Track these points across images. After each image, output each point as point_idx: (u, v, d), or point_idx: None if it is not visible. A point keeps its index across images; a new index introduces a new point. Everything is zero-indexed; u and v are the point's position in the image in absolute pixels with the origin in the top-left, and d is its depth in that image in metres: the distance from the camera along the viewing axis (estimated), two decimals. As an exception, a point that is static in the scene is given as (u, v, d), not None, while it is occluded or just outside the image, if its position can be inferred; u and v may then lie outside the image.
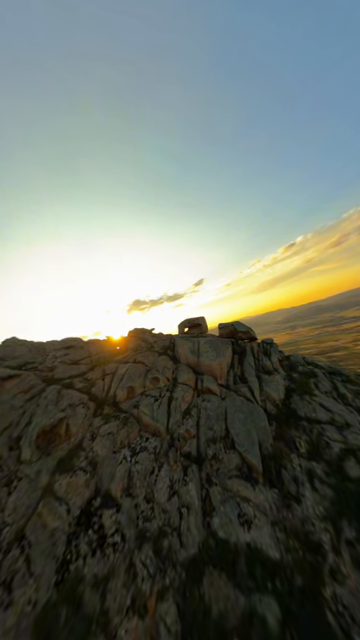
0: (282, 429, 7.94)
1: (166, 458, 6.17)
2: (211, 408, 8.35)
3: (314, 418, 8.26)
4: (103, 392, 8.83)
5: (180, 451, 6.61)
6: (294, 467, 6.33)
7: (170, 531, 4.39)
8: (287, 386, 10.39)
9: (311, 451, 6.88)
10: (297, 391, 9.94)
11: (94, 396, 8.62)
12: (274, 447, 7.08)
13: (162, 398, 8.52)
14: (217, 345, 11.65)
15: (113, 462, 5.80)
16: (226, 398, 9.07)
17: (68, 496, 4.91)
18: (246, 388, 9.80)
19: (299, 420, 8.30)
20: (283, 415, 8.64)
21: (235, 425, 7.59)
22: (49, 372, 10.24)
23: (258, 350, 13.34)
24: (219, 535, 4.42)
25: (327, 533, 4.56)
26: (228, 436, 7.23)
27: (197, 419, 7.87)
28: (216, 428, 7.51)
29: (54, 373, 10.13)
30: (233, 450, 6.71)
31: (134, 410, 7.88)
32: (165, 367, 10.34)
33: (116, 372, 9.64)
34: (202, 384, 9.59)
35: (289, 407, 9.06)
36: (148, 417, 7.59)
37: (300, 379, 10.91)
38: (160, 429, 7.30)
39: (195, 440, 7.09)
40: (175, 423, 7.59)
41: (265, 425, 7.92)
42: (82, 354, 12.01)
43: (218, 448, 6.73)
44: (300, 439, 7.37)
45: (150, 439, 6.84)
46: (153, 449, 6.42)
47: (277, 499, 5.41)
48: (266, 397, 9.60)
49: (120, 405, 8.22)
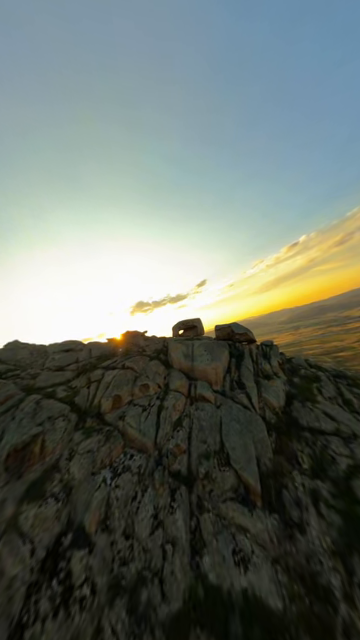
0: (282, 441, 7.24)
1: (151, 480, 5.45)
2: (204, 418, 7.64)
3: (317, 428, 7.57)
4: (87, 402, 8.10)
5: (169, 469, 5.90)
6: (296, 487, 5.63)
7: (150, 577, 3.66)
8: (288, 392, 9.71)
9: (315, 468, 6.18)
10: (299, 397, 9.26)
11: (77, 407, 7.88)
12: (274, 462, 6.38)
13: (151, 407, 7.81)
14: (212, 348, 10.96)
15: (90, 487, 5.07)
16: (221, 406, 8.36)
17: (34, 532, 4.18)
18: (243, 394, 9.10)
19: (301, 430, 7.61)
20: (283, 424, 7.94)
21: (231, 437, 6.89)
22: (31, 380, 9.51)
23: (257, 353, 12.66)
24: (210, 580, 3.70)
25: (337, 574, 3.86)
26: (223, 450, 6.53)
27: (189, 431, 7.16)
28: (210, 441, 6.80)
29: (36, 381, 9.39)
30: (228, 467, 6.00)
31: (119, 422, 7.15)
32: (156, 373, 9.63)
33: (102, 379, 8.90)
34: (195, 391, 8.89)
35: (290, 415, 8.37)
36: (134, 430, 6.87)
37: (302, 384, 10.22)
38: (147, 444, 6.58)
39: (186, 456, 6.38)
40: (164, 436, 6.87)
41: (264, 436, 7.22)
42: (69, 359, 11.29)
43: (211, 465, 6.02)
44: (302, 453, 6.67)
45: (135, 456, 6.11)
46: (137, 469, 5.70)
47: (278, 528, 4.71)
48: (265, 404, 8.91)
49: (105, 416, 7.49)
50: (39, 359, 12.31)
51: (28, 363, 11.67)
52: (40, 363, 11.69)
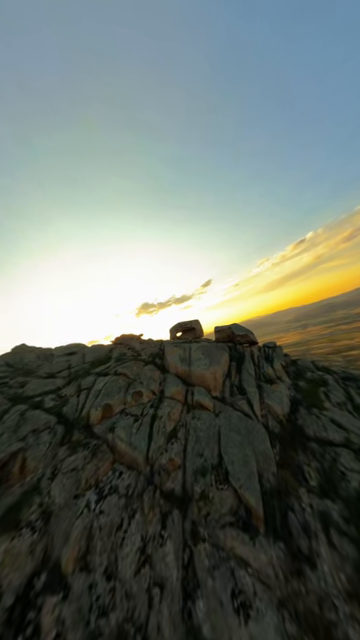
0: (287, 453, 6.62)
1: (140, 502, 4.88)
2: (202, 428, 7.06)
3: (325, 438, 6.93)
4: (76, 412, 7.58)
5: (160, 489, 5.33)
6: (304, 508, 5.01)
7: (133, 632, 3.10)
8: (292, 397, 9.06)
9: (324, 485, 5.55)
10: (304, 403, 8.61)
11: (64, 418, 7.37)
12: (278, 478, 5.77)
13: (144, 417, 7.25)
14: (211, 351, 10.37)
15: (72, 513, 4.53)
16: (220, 414, 7.77)
17: (4, 572, 3.64)
18: (244, 401, 8.49)
19: (307, 441, 6.97)
20: (288, 434, 7.32)
21: (230, 449, 6.29)
22: (19, 388, 9.03)
23: (259, 355, 12.01)
24: (204, 634, 3.12)
25: (356, 625, 3.25)
26: (221, 465, 5.94)
27: (184, 442, 6.58)
28: (207, 454, 6.22)
29: (25, 390, 8.91)
30: (227, 485, 5.41)
31: (109, 434, 6.60)
32: (151, 379, 9.07)
33: (93, 387, 8.38)
34: (192, 398, 8.31)
35: (295, 424, 7.74)
36: (124, 443, 6.31)
37: (308, 388, 9.56)
38: (138, 459, 6.02)
39: (180, 472, 5.80)
40: (157, 450, 6.30)
41: (266, 448, 6.61)
42: (61, 365, 10.80)
43: (208, 483, 5.44)
44: (310, 467, 6.05)
45: (124, 474, 5.56)
46: (125, 489, 5.14)
47: (284, 560, 4.11)
48: (268, 411, 8.28)
49: (94, 428, 6.95)
50: (46, 363, 12.12)
51: (35, 367, 11.41)
52: (37, 366, 11.33)
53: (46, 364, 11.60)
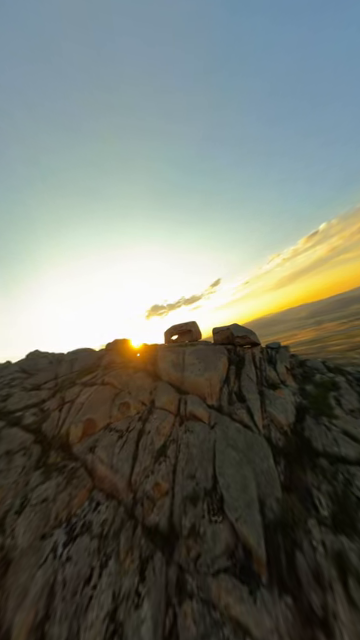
0: (294, 472, 5.70)
1: (116, 544, 4.10)
2: (195, 443, 6.23)
3: (337, 454, 5.96)
4: (56, 428, 6.91)
5: (143, 523, 4.55)
6: (314, 546, 4.11)
7: None
8: (298, 404, 8.08)
9: (337, 515, 4.61)
10: (311, 411, 7.63)
11: (43, 435, 6.70)
12: (283, 506, 4.87)
13: (129, 433, 6.49)
14: (206, 355, 9.51)
15: (34, 560, 3.81)
16: (216, 426, 6.91)
17: None
18: (244, 410, 7.60)
19: (316, 456, 6.02)
20: (294, 448, 6.38)
21: (226, 469, 5.43)
22: (2, 402, 8.47)
23: (261, 358, 11.01)
24: None
25: None
26: (216, 489, 5.09)
27: (174, 462, 5.77)
28: (199, 475, 5.39)
29: (7, 404, 8.33)
30: (221, 515, 4.56)
31: (88, 455, 5.86)
32: (140, 387, 8.32)
33: (77, 399, 7.70)
34: (185, 408, 7.50)
35: (302, 435, 6.78)
36: (105, 466, 5.56)
37: (316, 393, 8.54)
38: (119, 485, 5.25)
39: (168, 499, 4.99)
40: (142, 472, 5.52)
41: (269, 466, 5.72)
42: (46, 376, 10.22)
43: (199, 513, 4.60)
44: (319, 491, 5.11)
45: (101, 505, 4.80)
46: (100, 526, 4.37)
47: (293, 624, 3.24)
48: (270, 421, 7.36)
49: (73, 448, 6.23)
50: (59, 368, 11.81)
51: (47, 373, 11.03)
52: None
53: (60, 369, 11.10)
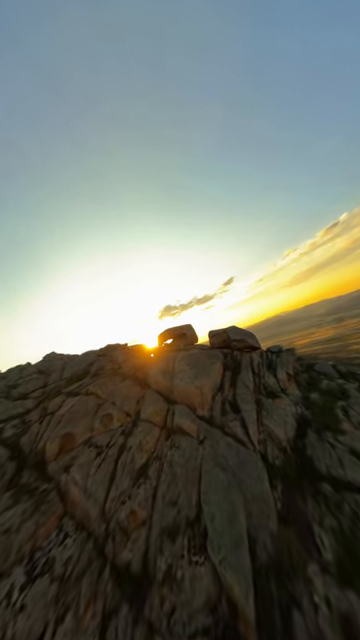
0: (292, 498, 4.86)
1: (78, 591, 3.50)
2: (180, 461, 5.56)
3: (342, 478, 5.05)
4: (34, 443, 6.51)
5: (113, 562, 3.91)
6: (316, 603, 3.28)
7: None
8: (300, 415, 7.21)
9: (344, 560, 3.73)
10: (314, 424, 6.75)
11: (20, 451, 6.31)
12: (279, 543, 4.07)
13: (109, 449, 5.94)
14: (199, 361, 8.92)
15: (-20, 607, 3.29)
16: (206, 440, 6.22)
17: None
18: (237, 422, 6.84)
19: (318, 480, 5.15)
20: (293, 469, 5.53)
21: (212, 495, 4.71)
22: (-15, 413, 8.26)
23: (259, 363, 10.24)
24: None
25: None
26: (199, 519, 4.37)
27: (155, 484, 5.13)
28: (182, 501, 4.70)
29: (-10, 414, 8.12)
30: (204, 555, 3.83)
31: (62, 476, 5.35)
32: (126, 397, 7.83)
33: (58, 410, 7.32)
34: (172, 420, 6.89)
35: (303, 453, 5.92)
36: (79, 489, 5.01)
37: (321, 402, 7.61)
38: (91, 512, 4.66)
39: (144, 531, 4.33)
40: (118, 497, 4.91)
41: (263, 490, 4.93)
42: (34, 385, 10.01)
43: (178, 552, 3.90)
44: (322, 526, 4.23)
45: (69, 537, 4.23)
46: (64, 566, 3.79)
47: None
48: (267, 435, 6.56)
49: (47, 466, 5.77)
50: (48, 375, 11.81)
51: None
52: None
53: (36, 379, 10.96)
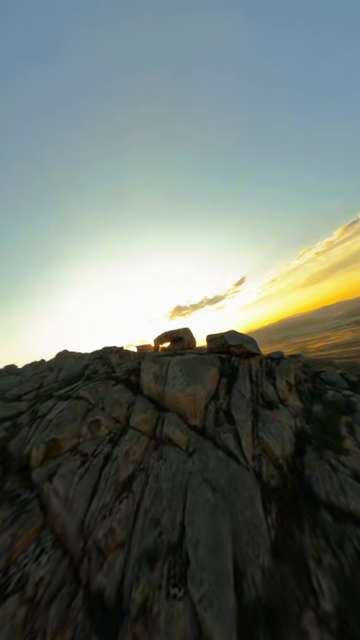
0: (288, 526, 4.35)
1: (46, 619, 3.25)
2: (166, 475, 5.22)
3: (343, 507, 4.45)
4: (22, 447, 6.44)
5: (87, 587, 3.63)
6: None
7: None
8: (299, 430, 6.63)
9: (344, 609, 3.20)
10: (314, 440, 6.15)
11: (7, 455, 6.25)
12: (270, 582, 3.60)
13: (94, 458, 5.71)
14: (193, 367, 8.56)
15: None
16: (195, 453, 5.84)
17: None
18: (230, 433, 6.40)
19: (317, 508, 4.58)
20: (289, 491, 5.00)
21: (197, 517, 4.31)
22: (-19, 413, 8.37)
23: (258, 370, 9.71)
24: None
25: None
26: (182, 544, 3.99)
27: (138, 499, 4.82)
28: (165, 522, 4.35)
29: (-15, 415, 8.21)
30: (183, 588, 3.44)
31: (45, 484, 5.17)
32: (117, 402, 7.61)
33: (47, 414, 7.24)
34: (162, 429, 6.57)
35: (301, 474, 5.37)
36: (60, 500, 4.79)
37: (324, 416, 6.96)
38: (70, 527, 4.41)
39: (122, 554, 4.02)
40: (99, 511, 4.64)
41: (255, 514, 4.48)
42: (31, 385, 10.10)
43: (156, 582, 3.55)
44: (320, 565, 3.71)
45: (45, 554, 4.00)
46: (35, 586, 3.55)
47: None
48: (262, 450, 6.07)
49: (32, 472, 5.65)
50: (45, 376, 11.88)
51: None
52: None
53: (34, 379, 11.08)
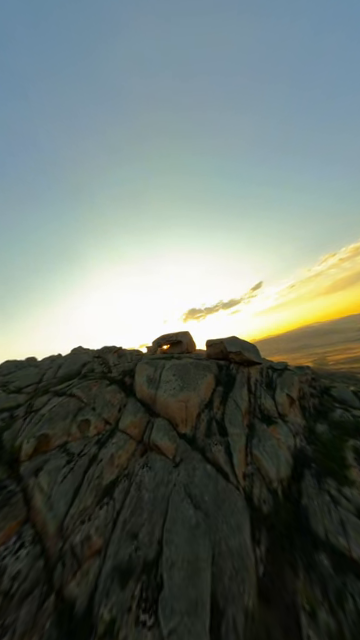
0: (278, 566, 3.91)
1: (15, 618, 3.21)
2: (149, 485, 5.04)
3: (344, 551, 3.91)
4: (15, 439, 6.64)
5: (60, 592, 3.55)
6: None
7: None
8: (299, 450, 6.05)
9: None
10: (314, 465, 5.56)
11: (2, 445, 6.48)
12: (253, 630, 3.23)
13: (80, 458, 5.69)
14: (187, 372, 8.30)
15: None
16: (182, 464, 5.59)
17: None
18: (221, 446, 6.02)
19: (313, 548, 4.08)
20: (283, 521, 4.53)
21: (176, 536, 4.05)
22: (-16, 402, 8.81)
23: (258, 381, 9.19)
24: None
25: None
26: (157, 564, 3.76)
27: (119, 507, 4.69)
28: (143, 537, 4.16)
29: (-13, 404, 8.64)
30: (153, 616, 3.22)
31: (31, 479, 5.25)
32: (108, 403, 7.60)
33: (41, 409, 7.42)
34: (150, 435, 6.40)
35: (297, 503, 4.86)
36: (43, 497, 4.82)
37: (328, 438, 6.27)
38: (49, 527, 4.39)
39: (97, 564, 3.90)
40: (79, 515, 4.58)
41: (242, 544, 4.13)
42: (31, 379, 10.49)
43: (126, 602, 3.35)
44: (314, 622, 3.26)
45: (24, 548, 4.01)
46: (11, 581, 3.54)
47: None
48: (256, 469, 5.65)
49: (21, 465, 5.77)
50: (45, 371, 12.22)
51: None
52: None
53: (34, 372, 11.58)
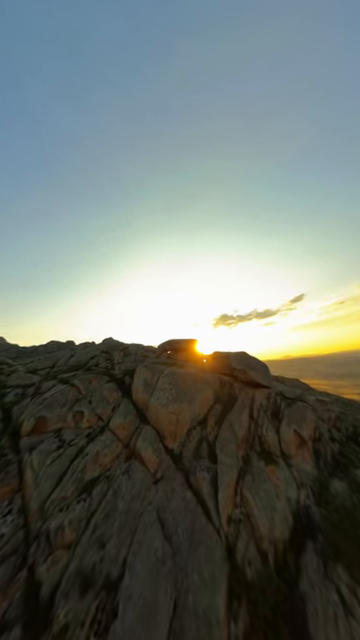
0: None
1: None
2: (126, 496, 4.99)
3: None
4: (21, 415, 7.49)
5: (31, 569, 3.84)
6: None
7: None
8: (303, 509, 4.68)
9: None
10: (322, 538, 4.26)
11: (9, 416, 7.36)
12: None
13: (69, 447, 6.06)
14: (184, 382, 7.93)
15: None
16: (162, 482, 5.37)
17: None
18: (207, 474, 5.34)
19: None
20: (270, 605, 3.35)
21: (139, 564, 3.77)
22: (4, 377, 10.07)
23: (263, 407, 7.89)
24: None
25: None
26: (117, 588, 3.55)
27: (94, 509, 4.80)
28: (110, 548, 4.15)
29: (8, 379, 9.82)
30: None
31: (26, 454, 5.84)
32: (104, 400, 7.88)
33: (46, 392, 8.15)
34: (136, 442, 6.35)
35: (293, 584, 3.66)
36: (32, 473, 5.30)
37: (345, 502, 4.64)
38: (33, 503, 4.80)
39: (65, 558, 4.06)
40: (59, 502, 4.87)
41: (213, 609, 3.32)
42: (46, 363, 11.66)
43: (80, 616, 3.32)
44: None
45: (11, 515, 4.47)
46: None
47: None
48: (245, 516, 4.59)
49: (21, 439, 6.46)
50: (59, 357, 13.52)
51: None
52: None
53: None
